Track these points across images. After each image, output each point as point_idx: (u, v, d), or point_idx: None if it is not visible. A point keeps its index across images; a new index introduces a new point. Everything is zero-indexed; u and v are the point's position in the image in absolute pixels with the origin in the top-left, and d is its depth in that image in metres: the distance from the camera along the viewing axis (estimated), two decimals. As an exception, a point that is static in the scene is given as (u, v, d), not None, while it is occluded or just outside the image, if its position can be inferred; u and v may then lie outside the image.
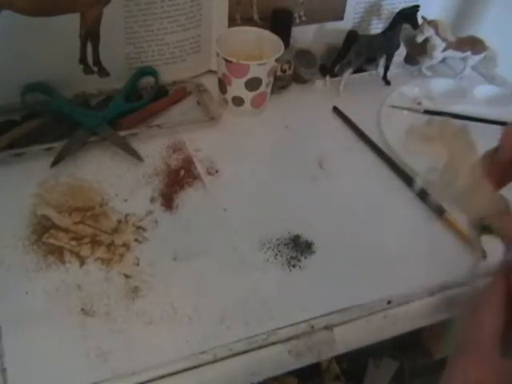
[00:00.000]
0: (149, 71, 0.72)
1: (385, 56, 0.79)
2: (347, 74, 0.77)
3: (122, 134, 0.65)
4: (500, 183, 0.44)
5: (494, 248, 0.45)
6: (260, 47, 0.72)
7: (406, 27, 0.77)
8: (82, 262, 0.52)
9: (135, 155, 0.64)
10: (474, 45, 0.80)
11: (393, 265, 0.55)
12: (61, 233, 0.55)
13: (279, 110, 0.75)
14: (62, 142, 0.63)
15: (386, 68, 0.81)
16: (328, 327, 0.49)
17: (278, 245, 0.56)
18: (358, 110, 0.74)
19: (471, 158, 0.44)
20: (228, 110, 0.72)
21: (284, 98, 0.77)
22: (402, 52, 0.83)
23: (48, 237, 0.54)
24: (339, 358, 0.82)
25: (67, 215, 0.56)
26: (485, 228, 0.43)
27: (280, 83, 0.76)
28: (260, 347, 0.47)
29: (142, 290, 0.51)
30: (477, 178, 0.43)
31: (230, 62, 0.67)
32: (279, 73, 0.74)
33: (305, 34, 0.79)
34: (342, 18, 0.81)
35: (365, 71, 0.82)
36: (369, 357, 0.82)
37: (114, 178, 0.62)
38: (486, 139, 0.45)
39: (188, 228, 0.57)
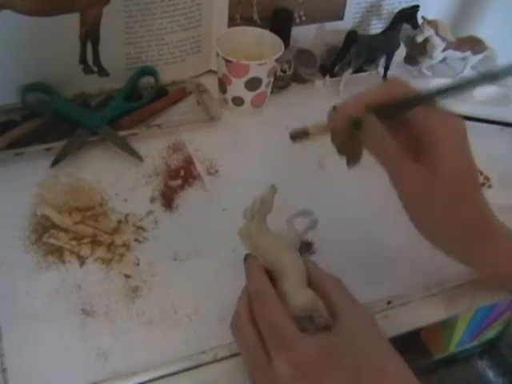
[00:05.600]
0: (149, 71, 0.72)
1: (385, 56, 0.79)
2: (347, 74, 0.77)
3: (122, 133, 0.65)
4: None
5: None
6: (260, 47, 0.72)
7: (406, 27, 0.77)
8: (82, 262, 0.52)
9: (135, 155, 0.64)
10: (473, 45, 0.80)
11: (393, 265, 0.55)
12: (61, 233, 0.55)
13: (279, 109, 0.75)
14: (61, 142, 0.63)
15: (386, 68, 0.81)
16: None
17: (278, 245, 0.56)
18: (358, 110, 0.74)
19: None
20: (228, 110, 0.72)
21: (284, 98, 0.77)
22: (402, 52, 0.83)
23: (48, 237, 0.54)
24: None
25: (67, 215, 0.56)
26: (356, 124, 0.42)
27: (280, 83, 0.76)
28: (260, 347, 0.47)
29: (142, 289, 0.51)
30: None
31: (230, 61, 0.67)
32: (279, 73, 0.74)
33: (305, 34, 0.79)
34: (341, 18, 0.81)
35: (365, 71, 0.82)
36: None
37: (114, 178, 0.62)
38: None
39: (188, 228, 0.57)
